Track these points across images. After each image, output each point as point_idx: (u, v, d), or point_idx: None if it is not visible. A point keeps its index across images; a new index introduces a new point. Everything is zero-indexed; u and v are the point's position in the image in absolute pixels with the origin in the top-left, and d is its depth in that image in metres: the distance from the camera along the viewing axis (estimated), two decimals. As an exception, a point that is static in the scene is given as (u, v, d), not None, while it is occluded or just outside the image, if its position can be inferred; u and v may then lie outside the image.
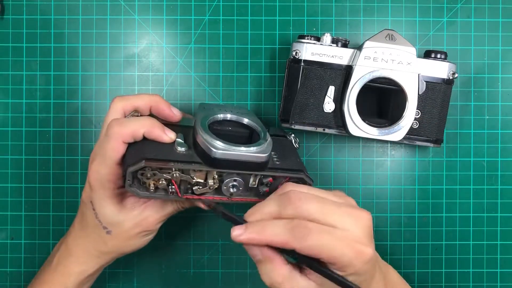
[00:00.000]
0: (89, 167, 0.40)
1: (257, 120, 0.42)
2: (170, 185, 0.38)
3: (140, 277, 0.52)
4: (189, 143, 0.39)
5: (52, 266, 0.44)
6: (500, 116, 0.52)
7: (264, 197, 0.39)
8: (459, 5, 0.52)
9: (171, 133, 0.39)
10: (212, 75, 0.52)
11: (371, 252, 0.34)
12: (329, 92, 0.46)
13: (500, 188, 0.52)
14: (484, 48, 0.52)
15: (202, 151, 0.37)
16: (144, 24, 0.52)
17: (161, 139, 0.39)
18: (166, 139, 0.39)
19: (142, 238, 0.43)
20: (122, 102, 0.41)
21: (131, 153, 0.38)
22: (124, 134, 0.38)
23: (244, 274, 0.52)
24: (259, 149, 0.38)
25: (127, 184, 0.37)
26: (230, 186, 0.39)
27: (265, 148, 0.38)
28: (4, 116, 0.52)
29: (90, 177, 0.40)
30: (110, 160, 0.39)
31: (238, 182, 0.39)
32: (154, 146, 0.38)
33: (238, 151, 0.37)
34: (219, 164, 0.37)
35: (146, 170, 0.37)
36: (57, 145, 0.52)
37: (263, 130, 0.41)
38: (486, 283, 0.52)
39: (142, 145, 0.39)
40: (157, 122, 0.39)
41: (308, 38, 0.46)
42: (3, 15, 0.52)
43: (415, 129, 0.47)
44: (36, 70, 0.52)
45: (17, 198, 0.52)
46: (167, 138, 0.39)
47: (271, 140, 0.39)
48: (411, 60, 0.45)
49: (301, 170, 0.40)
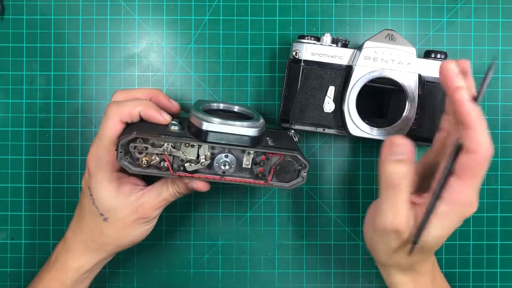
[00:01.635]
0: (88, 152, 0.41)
1: (253, 110, 0.43)
2: (162, 161, 0.39)
3: (140, 277, 0.52)
4: (183, 126, 0.40)
5: (51, 262, 0.44)
6: (500, 116, 0.52)
7: (258, 179, 0.40)
8: (459, 5, 0.52)
9: (166, 115, 0.40)
10: (212, 75, 0.52)
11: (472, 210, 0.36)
12: (329, 92, 0.46)
13: (500, 188, 0.52)
14: (484, 48, 0.52)
15: (195, 129, 0.38)
16: (144, 24, 0.52)
17: (156, 119, 0.40)
18: (161, 120, 0.40)
19: (139, 227, 0.42)
20: (123, 95, 0.43)
21: (126, 130, 0.40)
22: (121, 112, 0.40)
23: (244, 274, 0.52)
24: (251, 123, 0.38)
25: (119, 157, 0.38)
26: (222, 163, 0.39)
27: (257, 124, 0.39)
28: (4, 116, 0.52)
29: (88, 161, 0.41)
30: (107, 140, 0.40)
31: (230, 158, 0.39)
32: (149, 125, 0.40)
33: (230, 125, 0.38)
34: (211, 137, 0.38)
35: (137, 143, 0.38)
36: (57, 145, 0.52)
37: (257, 114, 0.41)
38: (486, 283, 0.52)
39: (138, 125, 0.40)
40: (154, 104, 0.41)
41: (308, 38, 0.46)
42: (3, 15, 0.52)
43: (415, 129, 0.47)
44: (36, 70, 0.52)
45: (17, 198, 0.52)
46: (162, 118, 0.40)
47: (264, 121, 0.40)
48: (411, 60, 0.45)
49: (295, 150, 0.40)
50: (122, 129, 0.40)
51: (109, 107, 0.40)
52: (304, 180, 0.40)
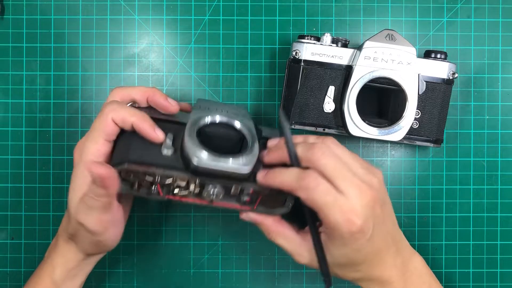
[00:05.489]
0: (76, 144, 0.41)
1: (249, 125, 0.42)
2: (154, 185, 0.39)
3: (140, 277, 0.52)
4: (177, 146, 0.39)
5: (43, 259, 0.44)
6: (500, 116, 0.52)
7: (246, 205, 0.40)
8: (459, 5, 0.52)
9: (159, 132, 0.39)
10: (212, 75, 0.52)
11: (359, 224, 0.36)
12: (329, 92, 0.46)
13: (500, 188, 0.52)
14: (484, 48, 0.52)
15: (186, 157, 0.37)
16: (144, 24, 0.52)
17: (149, 135, 0.39)
18: (154, 137, 0.39)
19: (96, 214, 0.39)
20: (121, 92, 0.42)
21: (119, 149, 0.39)
22: (117, 115, 0.39)
23: (244, 274, 0.52)
24: (242, 161, 0.37)
25: None
26: (211, 191, 0.39)
27: (248, 161, 0.38)
28: (4, 116, 0.52)
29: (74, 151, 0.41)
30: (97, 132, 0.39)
31: (219, 189, 0.39)
32: (141, 145, 0.38)
33: (220, 163, 0.37)
34: (200, 173, 0.37)
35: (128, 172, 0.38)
36: (57, 145, 0.52)
37: (253, 138, 0.40)
38: (486, 283, 0.52)
39: (130, 141, 0.39)
40: (149, 118, 0.39)
41: (308, 38, 0.46)
42: (3, 15, 0.52)
43: (415, 129, 0.47)
44: (36, 70, 0.52)
45: (17, 198, 0.52)
46: (155, 136, 0.39)
47: (257, 151, 0.39)
48: (411, 60, 0.45)
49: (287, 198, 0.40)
50: (113, 128, 0.39)
51: (105, 105, 0.39)
52: (289, 210, 0.41)
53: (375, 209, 0.37)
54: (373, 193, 0.37)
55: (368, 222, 0.37)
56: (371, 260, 0.39)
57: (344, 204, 0.36)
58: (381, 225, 0.38)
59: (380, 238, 0.39)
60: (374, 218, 0.37)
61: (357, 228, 0.36)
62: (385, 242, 0.40)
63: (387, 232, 0.40)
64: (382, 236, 0.39)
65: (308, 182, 0.36)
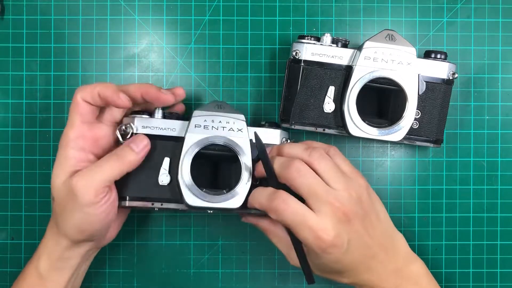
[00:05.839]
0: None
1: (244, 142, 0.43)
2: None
3: (140, 277, 0.52)
4: (173, 174, 0.42)
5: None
6: (500, 116, 0.52)
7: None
8: (459, 5, 0.52)
9: (123, 96, 0.40)
10: (212, 75, 0.52)
11: (329, 240, 0.37)
12: (329, 92, 0.46)
13: (500, 188, 0.52)
14: (484, 48, 0.52)
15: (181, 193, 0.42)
16: (144, 24, 0.52)
17: (114, 102, 0.40)
18: (118, 103, 0.40)
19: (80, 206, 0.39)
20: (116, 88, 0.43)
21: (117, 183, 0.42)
22: (82, 92, 0.40)
23: (244, 274, 0.52)
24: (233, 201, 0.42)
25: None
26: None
27: (239, 199, 0.42)
28: (4, 116, 0.52)
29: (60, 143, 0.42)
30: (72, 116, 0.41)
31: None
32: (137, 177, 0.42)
33: (213, 204, 0.41)
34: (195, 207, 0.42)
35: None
36: (57, 145, 0.52)
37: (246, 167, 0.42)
38: (486, 283, 0.52)
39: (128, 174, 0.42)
40: (114, 86, 0.40)
41: (308, 38, 0.46)
42: (3, 15, 0.52)
43: (415, 129, 0.47)
44: (36, 70, 0.52)
45: (17, 198, 0.52)
46: (120, 101, 0.40)
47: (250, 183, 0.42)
48: (411, 60, 0.45)
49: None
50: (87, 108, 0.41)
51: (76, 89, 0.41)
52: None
53: (352, 223, 0.38)
54: (349, 208, 0.38)
55: (341, 237, 0.38)
56: (355, 268, 0.40)
57: (314, 223, 0.37)
58: (361, 237, 0.39)
59: (360, 249, 0.39)
60: (350, 233, 0.38)
61: (327, 244, 0.37)
62: (369, 251, 0.40)
63: (372, 243, 0.40)
64: (363, 247, 0.40)
65: (277, 204, 0.38)
